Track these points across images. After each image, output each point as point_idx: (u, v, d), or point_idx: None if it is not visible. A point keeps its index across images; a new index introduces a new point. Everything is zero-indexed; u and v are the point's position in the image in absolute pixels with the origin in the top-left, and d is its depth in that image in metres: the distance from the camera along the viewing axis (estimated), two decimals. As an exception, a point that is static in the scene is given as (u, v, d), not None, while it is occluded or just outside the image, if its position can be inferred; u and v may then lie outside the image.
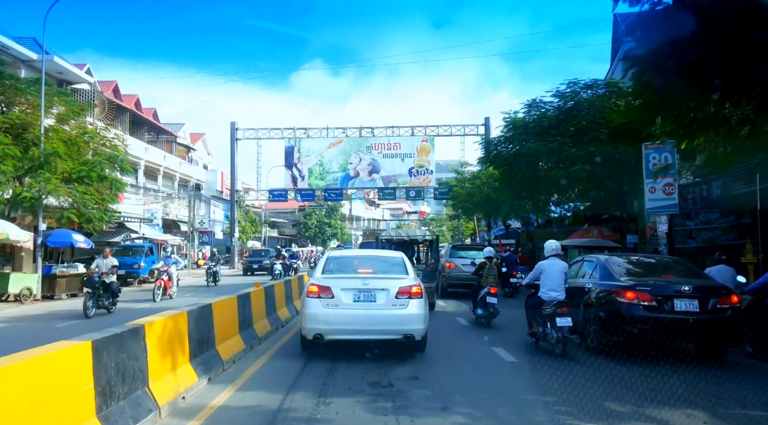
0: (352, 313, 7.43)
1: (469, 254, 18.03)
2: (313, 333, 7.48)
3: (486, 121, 37.98)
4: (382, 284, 7.58)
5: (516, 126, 18.84)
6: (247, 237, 49.96)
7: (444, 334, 10.19)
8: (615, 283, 8.21)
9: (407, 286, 7.56)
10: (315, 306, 7.47)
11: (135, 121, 36.42)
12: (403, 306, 7.44)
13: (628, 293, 7.79)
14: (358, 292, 7.50)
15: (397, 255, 8.91)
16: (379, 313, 7.44)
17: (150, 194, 36.67)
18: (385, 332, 7.50)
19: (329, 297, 7.47)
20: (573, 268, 9.84)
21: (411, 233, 18.01)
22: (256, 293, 9.75)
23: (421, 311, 7.53)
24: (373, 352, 7.94)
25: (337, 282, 7.62)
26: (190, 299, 13.67)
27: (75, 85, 29.07)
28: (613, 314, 7.94)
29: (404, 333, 7.43)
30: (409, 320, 7.44)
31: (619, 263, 8.93)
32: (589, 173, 16.20)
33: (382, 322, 7.44)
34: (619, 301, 7.85)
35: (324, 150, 40.26)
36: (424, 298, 7.69)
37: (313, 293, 7.52)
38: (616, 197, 19.66)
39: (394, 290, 7.49)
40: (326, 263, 8.32)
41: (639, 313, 7.62)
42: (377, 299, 7.48)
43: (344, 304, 7.45)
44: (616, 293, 7.98)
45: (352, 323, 7.41)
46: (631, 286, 7.87)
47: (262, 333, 9.40)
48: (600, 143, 16.41)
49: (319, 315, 7.45)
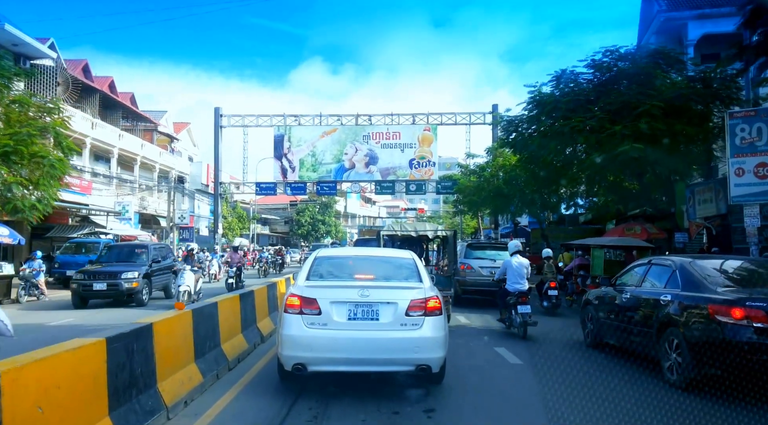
0: (346, 336, 5.50)
1: (488, 253, 14.93)
2: (293, 363, 5.53)
3: (494, 108, 34.80)
4: (387, 296, 5.66)
5: (544, 102, 15.68)
6: (233, 234, 46.66)
7: (479, 375, 7.06)
8: (710, 296, 6.26)
9: (422, 298, 5.66)
10: (295, 326, 5.53)
11: (108, 105, 33.11)
12: (415, 326, 5.54)
13: (735, 311, 5.82)
14: (355, 307, 5.57)
15: (406, 255, 6.83)
16: (383, 336, 5.52)
17: (126, 185, 33.39)
18: (391, 362, 5.61)
19: (315, 313, 5.55)
20: (633, 274, 8.26)
21: (420, 228, 14.46)
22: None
23: (439, 334, 5.64)
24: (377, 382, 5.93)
25: (326, 293, 5.70)
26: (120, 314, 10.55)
27: (36, 61, 25.80)
28: (711, 340, 5.93)
29: (417, 363, 5.53)
30: (424, 345, 5.53)
31: (709, 269, 6.89)
32: (640, 155, 13.11)
33: (386, 349, 5.52)
34: (721, 321, 5.87)
35: (317, 139, 36.97)
36: (443, 315, 5.81)
37: (294, 308, 5.59)
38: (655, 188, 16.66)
39: (403, 304, 5.59)
40: (313, 266, 6.28)
41: (751, 338, 5.68)
42: (381, 316, 5.57)
43: (335, 323, 5.53)
44: (715, 310, 5.98)
45: (346, 350, 5.49)
46: (738, 301, 5.95)
47: (235, 355, 6.79)
48: (652, 119, 13.37)
49: (300, 338, 5.50)
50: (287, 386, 5.98)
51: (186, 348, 5.55)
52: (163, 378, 4.73)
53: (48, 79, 25.86)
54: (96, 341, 3.87)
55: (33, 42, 24.54)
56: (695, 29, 20.78)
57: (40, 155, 13.58)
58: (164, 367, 4.78)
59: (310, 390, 5.85)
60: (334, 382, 6.00)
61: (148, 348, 4.58)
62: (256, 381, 6.34)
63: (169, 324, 5.16)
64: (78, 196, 26.30)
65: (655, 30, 21.96)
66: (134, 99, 38.14)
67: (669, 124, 13.43)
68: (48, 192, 14.40)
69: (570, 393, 5.78)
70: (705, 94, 14.30)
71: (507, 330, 10.16)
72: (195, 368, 5.63)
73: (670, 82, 14.64)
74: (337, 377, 5.95)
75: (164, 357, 4.82)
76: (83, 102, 29.52)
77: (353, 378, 5.97)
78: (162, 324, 4.92)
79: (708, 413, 5.39)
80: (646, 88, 14.04)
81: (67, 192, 24.78)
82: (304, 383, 5.93)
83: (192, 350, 5.68)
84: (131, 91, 38.49)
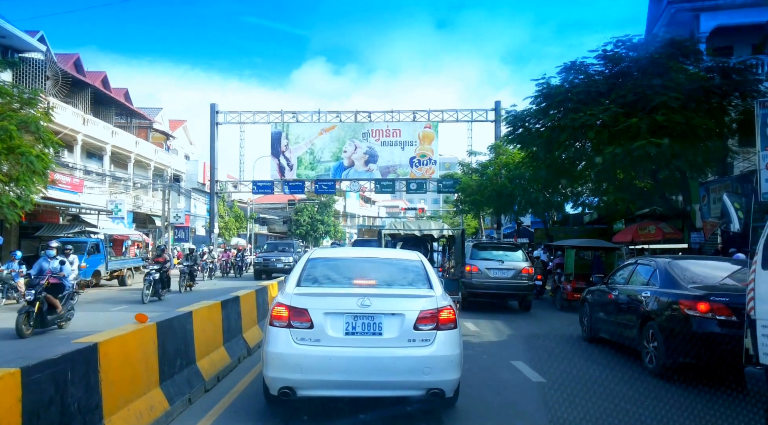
0: (343, 354, 4.62)
1: (495, 254, 14.10)
2: (279, 387, 4.64)
3: (496, 105, 33.97)
4: (392, 306, 4.78)
5: (553, 95, 14.86)
6: (230, 234, 45.82)
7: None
8: (681, 292, 6.97)
9: (433, 309, 4.79)
10: (283, 342, 4.65)
11: (100, 101, 32.28)
12: (426, 342, 4.69)
13: (701, 305, 6.54)
14: (354, 319, 4.70)
15: (413, 257, 5.90)
16: (387, 355, 4.64)
17: (119, 183, 32.54)
18: (397, 385, 4.70)
19: (306, 327, 4.67)
20: (621, 274, 9.11)
21: (424, 227, 13.63)
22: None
23: (454, 351, 4.78)
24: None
25: (319, 302, 4.81)
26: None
27: (24, 54, 25.01)
28: (682, 331, 6.63)
29: (428, 386, 4.66)
30: (436, 365, 4.66)
31: (685, 269, 7.59)
32: (658, 150, 12.31)
33: (391, 370, 4.63)
34: (689, 314, 6.59)
35: (315, 137, 36.10)
36: (458, 329, 4.94)
37: (281, 320, 4.71)
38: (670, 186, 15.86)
39: (411, 316, 4.72)
40: (304, 270, 5.35)
41: (715, 330, 6.36)
42: (384, 330, 4.71)
43: (330, 339, 4.66)
44: (685, 304, 6.71)
45: (343, 371, 4.60)
46: (704, 296, 6.62)
47: (213, 372, 5.73)
48: (670, 112, 12.58)
49: (288, 357, 4.61)
50: (275, 410, 5.12)
51: (147, 370, 4.61)
52: (113, 411, 3.81)
53: (37, 73, 25.02)
54: (5, 373, 2.90)
55: (21, 34, 23.75)
56: (707, 21, 19.99)
57: (19, 150, 12.74)
58: (115, 398, 3.87)
59: (303, 411, 5.00)
60: (332, 408, 5.15)
61: (91, 376, 3.65)
62: (238, 405, 5.44)
63: (124, 343, 4.19)
64: (69, 194, 25.48)
65: (664, 23, 21.13)
66: (128, 95, 37.28)
67: (687, 117, 12.66)
68: (28, 189, 13.56)
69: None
70: (724, 86, 13.53)
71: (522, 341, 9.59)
72: (160, 393, 4.69)
73: (685, 73, 13.86)
74: (333, 402, 5.10)
75: (116, 385, 3.91)
76: (74, 97, 28.69)
77: (353, 403, 5.10)
78: (112, 344, 3.98)
79: (681, 397, 5.99)
80: (663, 79, 13.26)
81: (57, 190, 23.98)
82: (296, 406, 5.10)
83: (156, 372, 4.74)
84: (126, 87, 37.65)
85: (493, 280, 13.41)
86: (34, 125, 12.85)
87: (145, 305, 14.85)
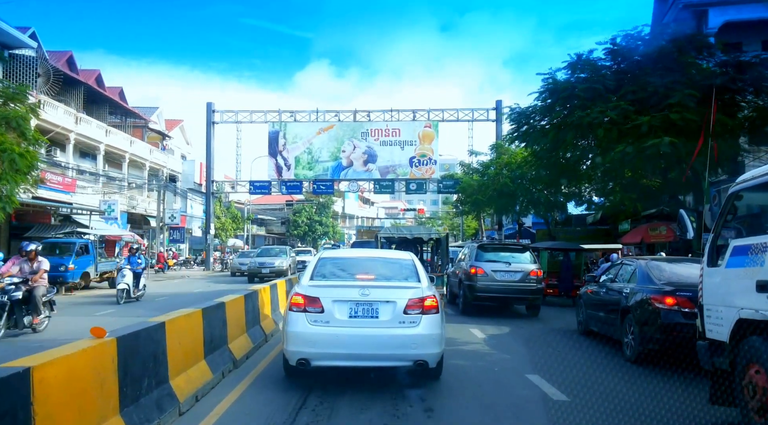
0: (348, 333, 5.90)
1: (502, 256, 13.46)
2: (297, 358, 5.94)
3: (498, 104, 33.43)
4: (386, 295, 6.05)
5: (559, 90, 14.27)
6: (227, 235, 45.19)
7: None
8: (653, 287, 7.95)
9: (419, 297, 6.05)
10: (300, 323, 5.94)
11: (94, 99, 31.67)
12: (413, 324, 5.96)
13: (668, 299, 7.50)
14: (356, 305, 5.97)
15: (405, 257, 7.28)
16: (382, 333, 5.94)
17: (113, 183, 31.94)
18: (390, 357, 6.03)
19: (318, 311, 5.95)
20: (610, 273, 10.08)
21: (414, 231, 16.07)
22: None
23: (436, 331, 6.04)
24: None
25: (328, 292, 6.10)
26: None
27: (15, 51, 24.39)
28: (653, 322, 7.56)
29: (415, 358, 5.95)
30: (421, 342, 5.96)
31: (660, 268, 8.50)
32: (672, 149, 11.73)
33: (386, 345, 5.95)
34: (659, 307, 7.53)
35: (313, 136, 35.51)
36: (440, 313, 6.19)
37: (298, 306, 6.00)
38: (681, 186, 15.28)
39: (402, 303, 5.99)
40: (316, 267, 6.67)
41: (680, 321, 7.25)
42: (380, 314, 5.97)
43: (337, 321, 5.94)
44: (655, 299, 7.66)
45: (348, 345, 5.89)
46: (671, 291, 7.58)
47: (191, 391, 5.42)
48: (684, 109, 12.02)
49: (304, 335, 5.91)
50: (291, 382, 6.09)
51: (103, 395, 3.82)
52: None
53: (27, 70, 24.42)
54: None
55: (11, 30, 23.13)
56: (716, 17, 19.49)
57: (1, 147, 12.14)
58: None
59: (318, 379, 5.58)
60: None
61: (19, 412, 2.90)
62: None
63: (70, 364, 3.45)
64: (60, 194, 24.88)
65: (672, 19, 20.62)
66: (123, 94, 36.67)
67: (701, 114, 12.08)
68: (11, 188, 12.96)
69: None
70: (738, 81, 12.97)
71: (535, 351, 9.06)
72: (120, 422, 3.93)
73: (697, 68, 13.30)
74: (341, 378, 6.29)
75: (56, 419, 3.20)
76: (66, 95, 28.09)
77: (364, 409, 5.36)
78: (52, 367, 3.22)
79: (653, 381, 6.76)
80: (675, 74, 12.69)
81: (48, 190, 23.38)
82: (309, 375, 6.12)
83: (115, 396, 3.98)
84: (120, 86, 37.02)
85: (500, 283, 12.76)
86: (15, 121, 12.25)
87: (121, 306, 14.80)
